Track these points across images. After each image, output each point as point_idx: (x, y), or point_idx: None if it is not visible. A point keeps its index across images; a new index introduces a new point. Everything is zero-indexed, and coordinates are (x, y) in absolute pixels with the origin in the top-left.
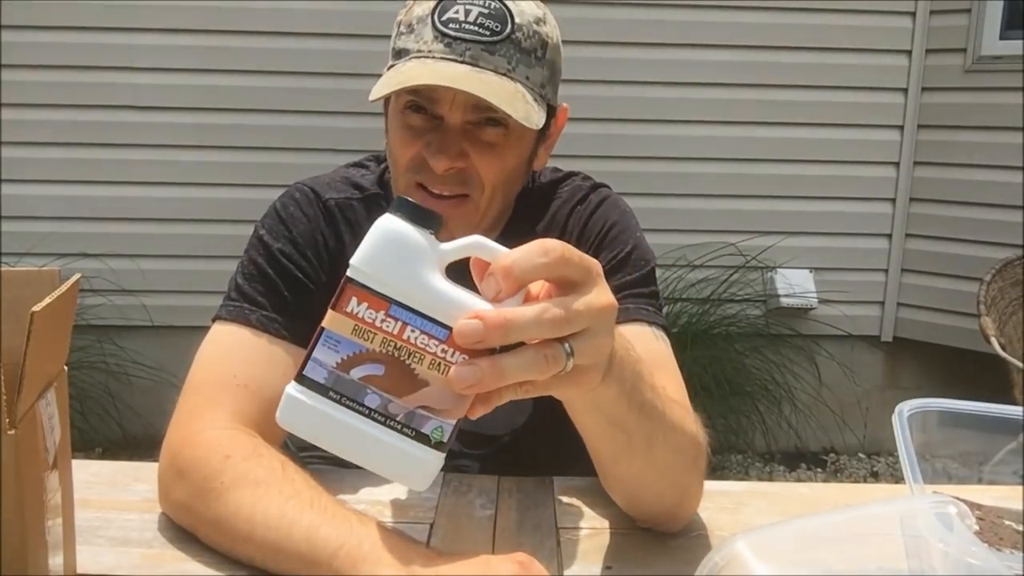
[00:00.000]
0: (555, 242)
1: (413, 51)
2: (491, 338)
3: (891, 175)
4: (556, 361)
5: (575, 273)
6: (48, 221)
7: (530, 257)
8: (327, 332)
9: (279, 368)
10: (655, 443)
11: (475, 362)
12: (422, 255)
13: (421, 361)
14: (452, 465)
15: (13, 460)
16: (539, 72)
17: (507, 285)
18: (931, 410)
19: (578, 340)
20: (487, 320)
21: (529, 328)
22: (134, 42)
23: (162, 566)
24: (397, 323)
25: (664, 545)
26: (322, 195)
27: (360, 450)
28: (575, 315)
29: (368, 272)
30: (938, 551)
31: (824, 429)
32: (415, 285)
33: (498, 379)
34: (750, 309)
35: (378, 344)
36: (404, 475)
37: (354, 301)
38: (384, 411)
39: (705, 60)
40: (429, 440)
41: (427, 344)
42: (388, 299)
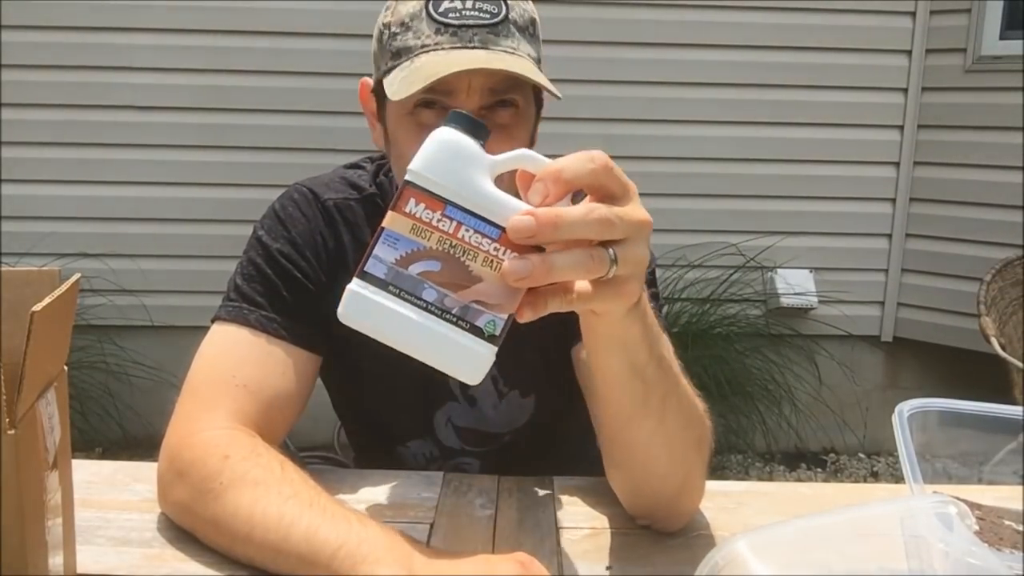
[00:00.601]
0: (599, 152)
1: (417, 47)
2: (542, 233)
3: (891, 175)
4: (601, 263)
5: (616, 186)
6: (48, 221)
7: (579, 163)
8: (387, 231)
9: (278, 368)
10: (668, 404)
11: (527, 256)
12: (475, 162)
13: (475, 258)
14: (453, 463)
15: (13, 460)
16: (536, 48)
17: (556, 189)
18: (931, 410)
19: (621, 247)
20: (539, 216)
21: (577, 226)
22: (134, 42)
23: (162, 566)
24: (452, 222)
25: (664, 545)
26: (321, 196)
27: (417, 342)
28: (619, 220)
29: (426, 175)
30: (938, 551)
31: (824, 429)
32: (469, 188)
33: (548, 273)
34: (750, 309)
35: (435, 242)
36: (458, 366)
37: (412, 202)
38: (440, 305)
39: (705, 60)
40: (483, 333)
41: (480, 242)
42: (444, 200)
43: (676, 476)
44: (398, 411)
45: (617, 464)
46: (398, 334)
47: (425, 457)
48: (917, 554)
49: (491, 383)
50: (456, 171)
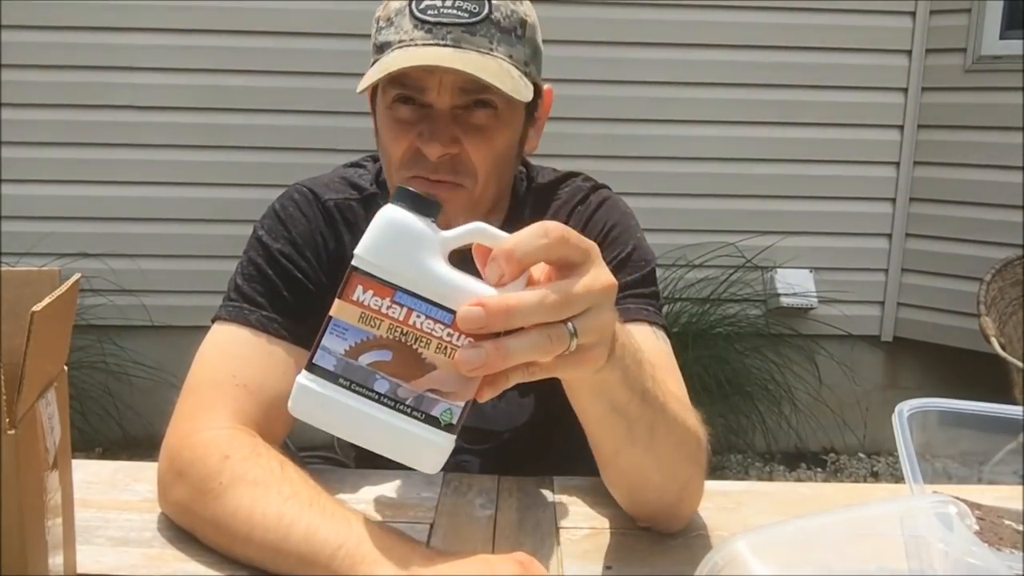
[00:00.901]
0: (554, 224)
1: (395, 42)
2: (493, 324)
3: (891, 175)
4: (560, 341)
5: (574, 254)
6: (48, 221)
7: (531, 239)
8: (335, 320)
9: (278, 368)
10: (656, 433)
11: (480, 344)
12: (425, 242)
13: (428, 345)
14: (453, 462)
15: (13, 460)
16: (521, 50)
17: (509, 268)
18: (931, 410)
19: (581, 320)
20: (489, 306)
21: (531, 313)
22: (134, 42)
23: (162, 566)
24: (403, 309)
25: (664, 545)
26: (321, 196)
27: (371, 435)
28: (576, 297)
29: (372, 260)
30: (938, 551)
31: (824, 429)
32: (419, 271)
33: (503, 360)
34: (750, 309)
35: (385, 330)
36: (416, 458)
37: (360, 289)
38: (394, 395)
39: (705, 60)
40: (439, 423)
41: (433, 329)
42: (393, 286)
43: (672, 489)
44: None
45: (612, 483)
46: (351, 428)
47: None
48: (917, 554)
49: None
50: (404, 254)
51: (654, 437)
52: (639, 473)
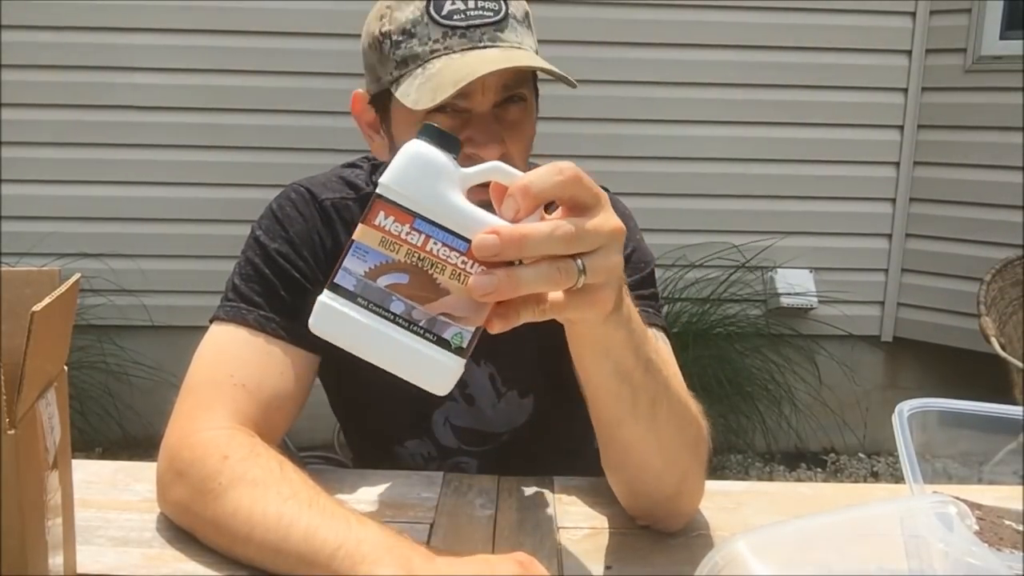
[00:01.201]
0: (568, 163)
1: (426, 53)
2: (507, 251)
3: (891, 175)
4: (569, 275)
5: (586, 196)
6: (48, 221)
7: (547, 176)
8: (357, 243)
9: (276, 368)
10: (658, 408)
11: (492, 272)
12: (445, 175)
13: (443, 271)
14: (452, 463)
15: (13, 460)
16: (534, 40)
17: (525, 203)
18: (931, 410)
19: (590, 258)
20: (503, 234)
21: (542, 242)
22: (134, 42)
23: (162, 566)
24: (421, 235)
25: (664, 545)
26: (318, 195)
27: (386, 353)
28: (586, 233)
29: (395, 188)
30: (938, 551)
31: (824, 429)
32: (438, 201)
33: (514, 288)
34: (750, 309)
35: (403, 255)
36: (426, 378)
37: (382, 215)
38: (408, 317)
39: (705, 60)
40: (449, 345)
41: (448, 256)
42: (413, 213)
43: (672, 477)
44: (395, 411)
45: (613, 467)
46: (367, 345)
47: (423, 457)
48: (917, 554)
49: (489, 383)
50: (426, 185)
51: (656, 413)
52: (639, 452)
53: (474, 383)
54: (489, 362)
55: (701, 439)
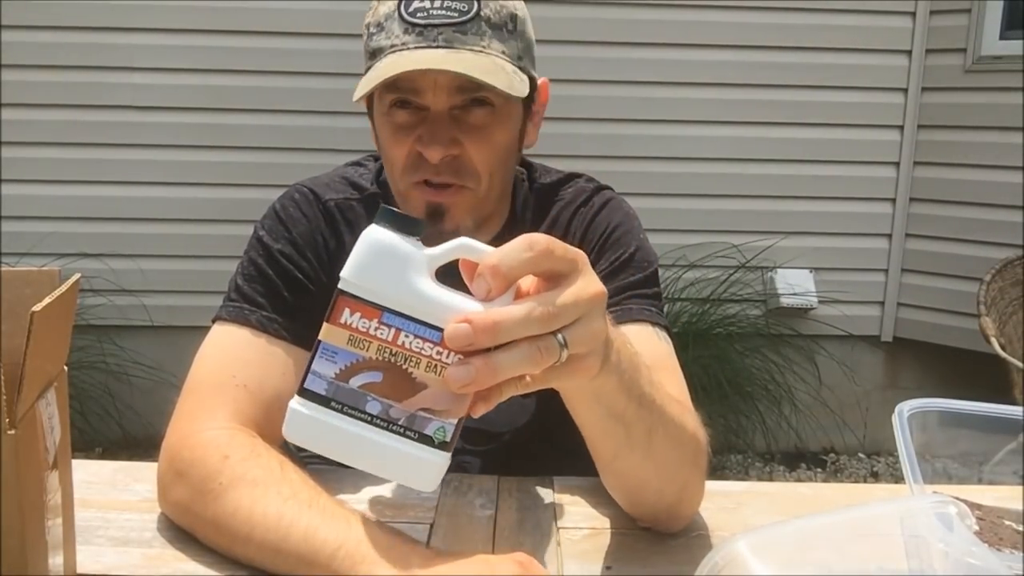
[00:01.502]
0: (539, 236)
1: (387, 48)
2: (481, 340)
3: (891, 175)
4: (550, 353)
5: (561, 265)
6: (48, 221)
7: (515, 253)
8: (324, 344)
9: (278, 368)
10: (654, 436)
11: (469, 361)
12: (410, 261)
13: (418, 365)
14: (455, 463)
15: (13, 460)
16: (514, 45)
17: (496, 283)
18: (931, 410)
19: (571, 330)
20: (476, 323)
21: (518, 327)
22: (134, 42)
23: (162, 566)
24: (391, 330)
25: (664, 545)
26: (322, 196)
27: (366, 457)
28: (564, 308)
29: (358, 283)
30: (938, 551)
31: (824, 429)
32: (405, 291)
33: (492, 376)
34: (750, 309)
35: (374, 352)
36: (412, 478)
37: (347, 312)
38: (386, 416)
39: (705, 60)
40: (432, 441)
41: (422, 348)
42: (380, 307)
43: (671, 490)
44: None
45: (611, 486)
46: (345, 450)
47: None
48: (917, 554)
49: None
50: (390, 275)
51: (652, 441)
52: (638, 476)
53: None
54: None
55: (700, 451)
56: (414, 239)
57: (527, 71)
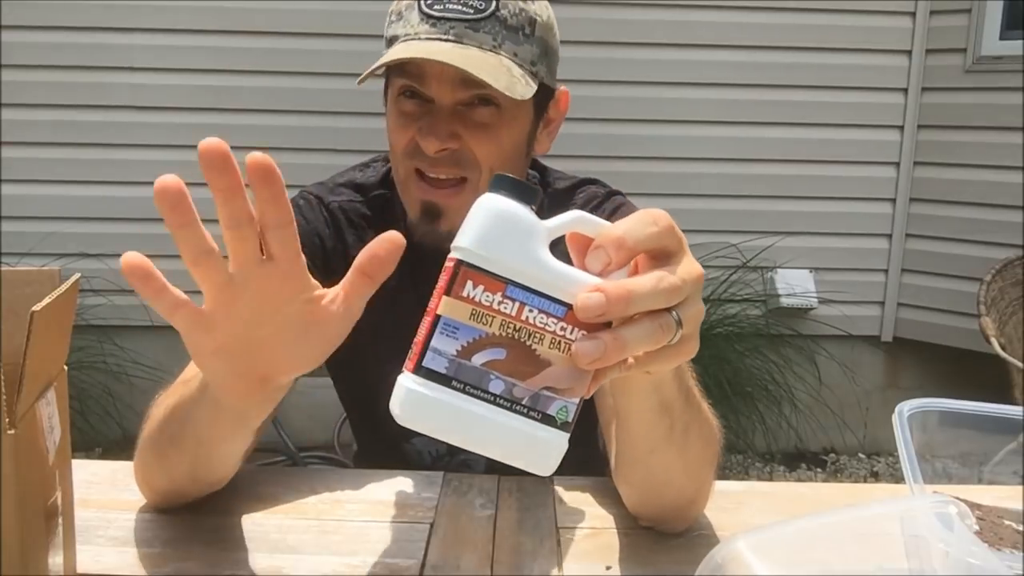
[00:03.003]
0: (659, 212)
1: (401, 36)
2: (614, 310)
3: (891, 175)
4: (668, 329)
5: (675, 244)
6: (48, 221)
7: (641, 227)
8: (444, 319)
9: None
10: (691, 432)
11: (598, 336)
12: (529, 232)
13: (542, 341)
14: (461, 460)
15: (13, 460)
16: (528, 49)
17: (619, 256)
18: (931, 410)
19: (684, 308)
20: (609, 292)
21: (648, 298)
22: (134, 42)
23: (162, 566)
24: (515, 304)
25: (664, 544)
26: (325, 199)
27: (488, 439)
28: (686, 282)
29: (482, 253)
30: (938, 551)
31: (824, 429)
32: (528, 263)
33: (621, 351)
34: (750, 309)
35: (497, 327)
36: (534, 460)
37: (470, 285)
38: (510, 396)
39: (705, 60)
40: (555, 421)
41: (546, 323)
42: (504, 279)
43: (691, 489)
44: None
45: (632, 483)
46: (466, 432)
47: (431, 455)
48: (917, 554)
49: None
50: (512, 245)
51: (688, 437)
52: (666, 473)
53: None
54: None
55: (718, 452)
56: (530, 208)
57: (540, 77)
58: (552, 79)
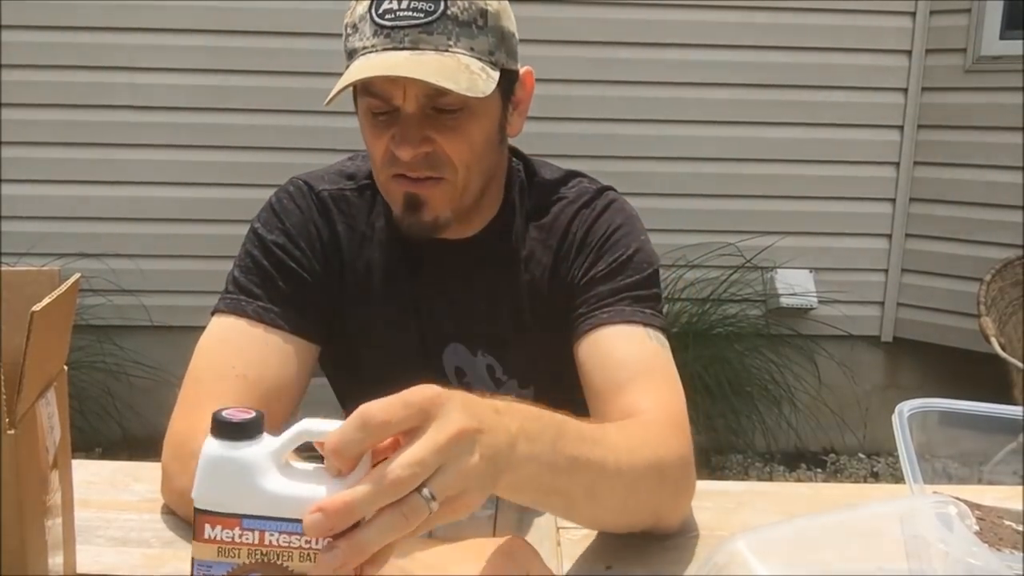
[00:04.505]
0: (374, 409)
1: (359, 49)
2: (338, 524)
3: (891, 175)
4: (416, 511)
5: (409, 422)
6: (48, 221)
7: (351, 434)
8: (197, 561)
9: (276, 358)
10: (599, 491)
11: (335, 544)
12: (251, 466)
13: (291, 558)
14: None
15: (13, 460)
16: (484, 40)
17: (342, 464)
18: (931, 410)
19: (435, 480)
20: (328, 510)
21: (372, 500)
22: (134, 42)
23: (162, 566)
24: (255, 533)
25: (664, 545)
26: (315, 187)
27: None
28: (419, 464)
29: (210, 499)
30: (938, 551)
31: (824, 429)
32: (255, 494)
33: (361, 553)
34: (750, 309)
35: (246, 556)
36: None
37: (208, 527)
38: None
39: (705, 60)
40: None
41: (290, 541)
42: (237, 515)
43: (641, 519)
44: None
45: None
46: None
47: None
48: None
49: (487, 373)
50: (236, 483)
51: (597, 496)
52: (598, 523)
53: (472, 373)
54: (488, 353)
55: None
56: (252, 440)
57: (501, 65)
58: (513, 61)
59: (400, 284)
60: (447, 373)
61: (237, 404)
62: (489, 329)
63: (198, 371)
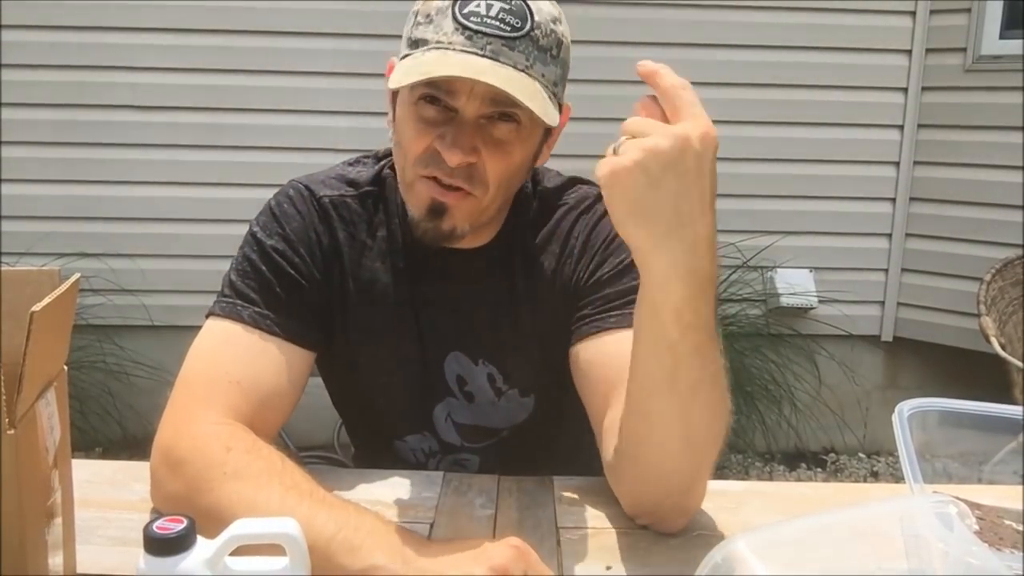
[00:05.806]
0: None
1: (432, 41)
2: None
3: (891, 175)
4: None
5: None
6: (48, 221)
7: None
8: None
9: (271, 365)
10: (698, 394)
11: None
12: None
13: None
14: (453, 459)
15: (13, 460)
16: (553, 71)
17: None
18: (931, 410)
19: None
20: None
21: None
22: (134, 42)
23: None
24: None
25: (664, 544)
26: (316, 192)
27: None
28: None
29: None
30: (938, 551)
31: (824, 429)
32: None
33: None
34: (750, 309)
35: None
36: None
37: None
38: None
39: (705, 60)
40: None
41: None
42: None
43: (689, 467)
44: (396, 407)
45: (629, 454)
46: None
47: (424, 452)
48: (917, 554)
49: (487, 382)
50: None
51: (695, 397)
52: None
53: (473, 382)
54: (489, 362)
55: (723, 436)
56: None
57: (559, 98)
58: (563, 98)
59: (401, 293)
60: (448, 382)
61: (230, 411)
62: (490, 338)
63: (191, 375)
